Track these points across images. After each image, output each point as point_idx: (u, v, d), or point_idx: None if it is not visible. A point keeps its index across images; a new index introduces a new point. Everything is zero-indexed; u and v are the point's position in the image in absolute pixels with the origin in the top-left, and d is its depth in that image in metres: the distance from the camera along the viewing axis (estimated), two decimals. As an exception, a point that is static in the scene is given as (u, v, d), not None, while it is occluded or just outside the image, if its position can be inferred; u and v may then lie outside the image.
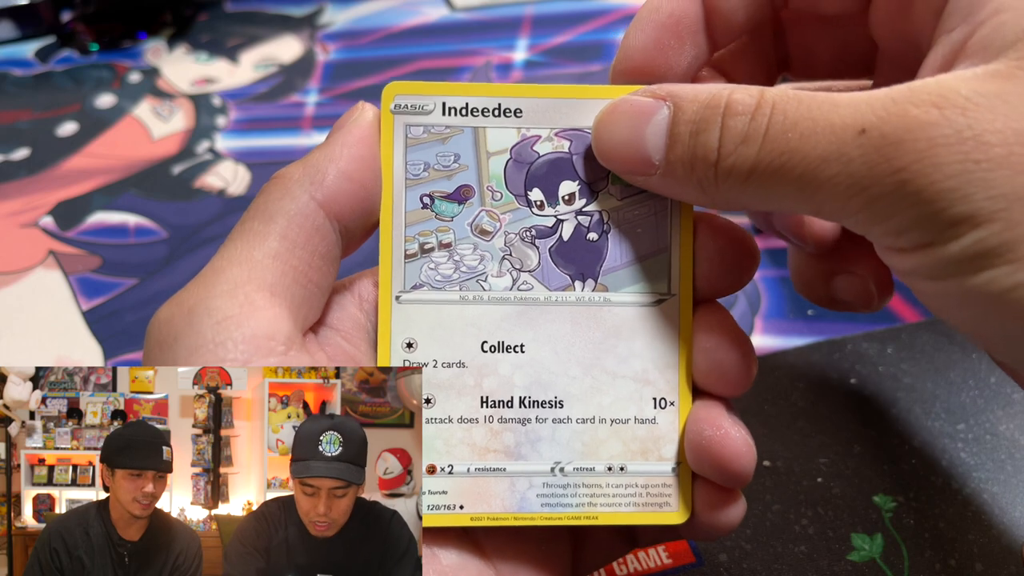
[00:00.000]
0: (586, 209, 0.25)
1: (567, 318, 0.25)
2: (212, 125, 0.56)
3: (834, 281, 0.28)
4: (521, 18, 0.64)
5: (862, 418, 0.37)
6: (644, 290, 0.25)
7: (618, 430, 0.25)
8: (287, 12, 0.67)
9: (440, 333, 0.24)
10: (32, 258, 0.48)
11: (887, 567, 0.32)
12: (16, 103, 0.59)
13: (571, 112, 0.24)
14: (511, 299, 0.25)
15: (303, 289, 0.23)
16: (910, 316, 0.42)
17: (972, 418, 0.37)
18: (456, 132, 0.24)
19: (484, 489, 0.24)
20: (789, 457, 0.36)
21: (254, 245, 0.22)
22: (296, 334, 0.22)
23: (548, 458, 0.24)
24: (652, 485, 0.25)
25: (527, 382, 0.24)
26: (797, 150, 0.20)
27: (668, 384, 0.25)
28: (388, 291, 0.24)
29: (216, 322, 0.21)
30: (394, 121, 0.24)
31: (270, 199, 0.23)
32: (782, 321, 0.42)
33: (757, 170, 0.20)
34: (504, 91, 0.24)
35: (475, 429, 0.24)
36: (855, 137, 0.19)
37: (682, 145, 0.22)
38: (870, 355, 0.40)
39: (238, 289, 0.22)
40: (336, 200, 0.23)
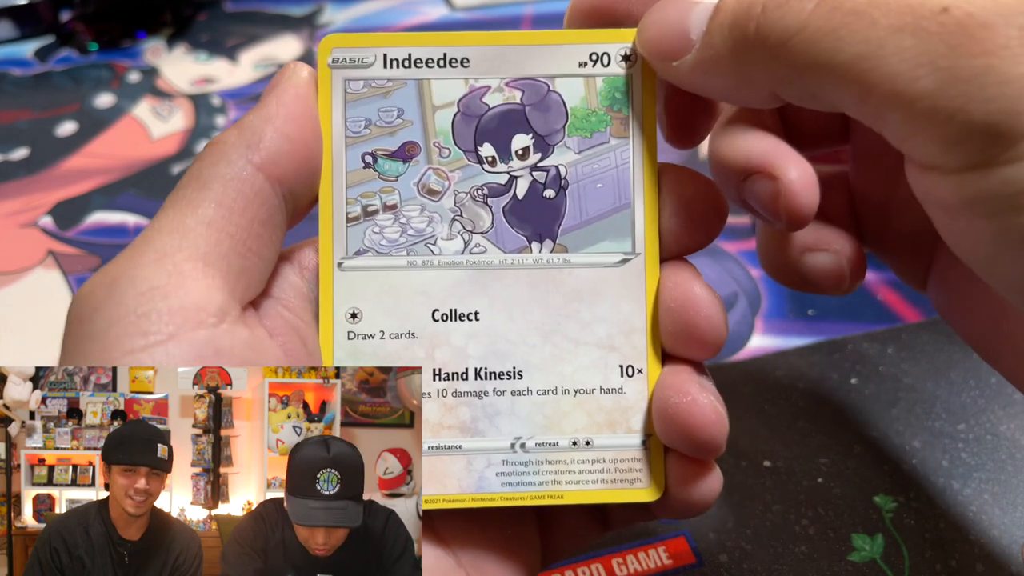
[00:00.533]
0: (541, 164, 0.23)
1: (524, 282, 0.23)
2: (212, 125, 0.56)
3: (805, 259, 0.25)
4: (521, 18, 0.64)
5: (862, 418, 0.37)
6: (607, 249, 0.23)
7: (582, 401, 0.23)
8: (287, 12, 0.67)
9: (387, 302, 0.23)
10: (31, 258, 0.48)
11: (888, 567, 0.32)
12: (15, 103, 0.59)
13: (522, 60, 0.23)
14: (463, 263, 0.23)
15: (241, 259, 0.21)
16: (911, 316, 0.42)
17: (973, 418, 0.37)
18: (399, 85, 0.23)
19: (439, 469, 0.23)
20: (789, 457, 0.36)
21: (186, 212, 0.21)
22: (232, 305, 0.21)
23: (507, 433, 0.23)
24: (621, 460, 0.23)
25: (482, 352, 0.23)
26: (864, 13, 0.18)
27: (635, 350, 0.23)
28: (329, 258, 0.23)
29: (140, 292, 0.20)
30: (332, 76, 0.23)
31: (204, 164, 0.22)
32: (782, 321, 0.42)
33: (808, 28, 0.18)
34: (449, 40, 0.23)
35: (427, 404, 0.23)
36: (936, 14, 0.17)
37: (725, 11, 0.20)
38: (870, 355, 0.40)
39: (167, 258, 0.20)
40: (276, 163, 0.22)
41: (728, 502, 0.34)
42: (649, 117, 0.23)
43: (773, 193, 0.22)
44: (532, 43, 0.23)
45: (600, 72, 0.23)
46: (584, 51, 0.23)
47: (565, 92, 0.23)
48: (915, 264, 0.27)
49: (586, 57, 0.23)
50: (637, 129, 0.23)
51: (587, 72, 0.23)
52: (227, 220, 0.21)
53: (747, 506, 0.34)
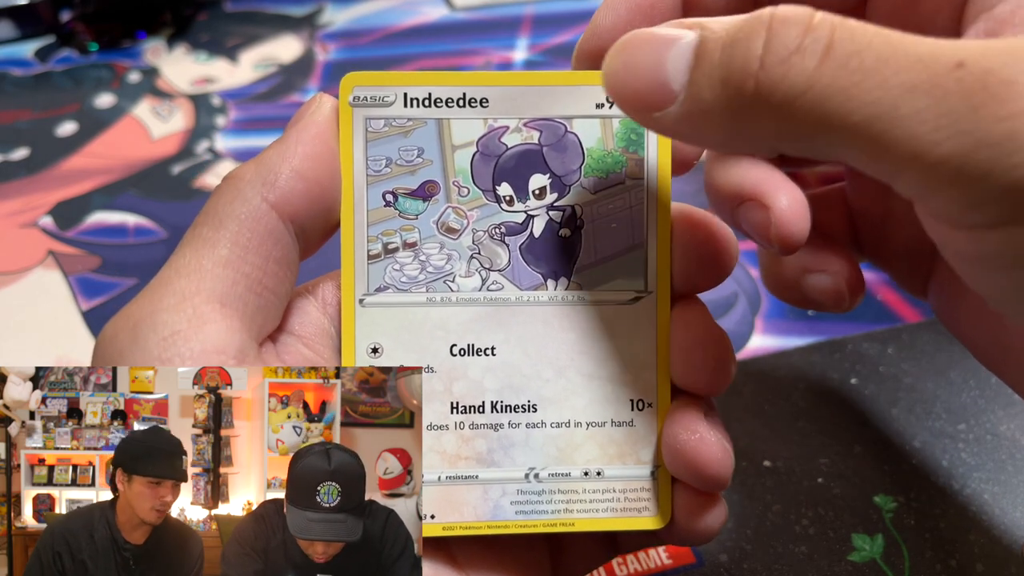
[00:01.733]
0: (558, 204, 0.24)
1: (539, 319, 0.24)
2: (211, 125, 0.56)
3: (805, 280, 0.26)
4: (521, 18, 0.64)
5: (863, 418, 0.37)
6: (620, 287, 0.24)
7: (594, 434, 0.24)
8: (287, 12, 0.67)
9: (406, 337, 0.23)
10: (31, 258, 0.48)
11: (888, 567, 0.32)
12: (15, 103, 0.59)
13: (540, 100, 0.23)
14: (480, 300, 0.24)
15: (257, 297, 0.22)
16: (911, 316, 0.42)
17: (973, 418, 0.37)
18: (419, 125, 0.23)
19: (456, 498, 0.24)
20: (789, 457, 0.36)
21: (203, 253, 0.21)
22: (250, 345, 0.22)
23: (522, 464, 0.24)
24: (630, 490, 0.24)
25: (499, 386, 0.24)
26: (874, 71, 0.16)
27: (645, 385, 0.24)
28: (351, 294, 0.23)
29: (162, 338, 0.20)
30: (353, 114, 0.23)
31: (221, 202, 0.22)
32: (782, 321, 0.42)
33: (816, 87, 0.17)
34: (469, 79, 0.23)
35: (445, 436, 0.24)
36: (951, 70, 0.16)
37: (711, 62, 0.18)
38: (871, 355, 0.40)
39: (186, 301, 0.21)
40: (290, 201, 0.22)
41: (728, 502, 0.34)
42: (664, 159, 0.24)
43: (764, 221, 0.23)
44: (550, 84, 0.23)
45: (616, 114, 0.24)
46: (601, 93, 0.23)
47: (582, 133, 0.24)
48: (915, 275, 0.28)
49: (603, 99, 0.24)
50: (652, 170, 0.24)
51: (604, 114, 0.24)
52: (242, 259, 0.22)
53: (747, 506, 0.34)
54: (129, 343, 0.21)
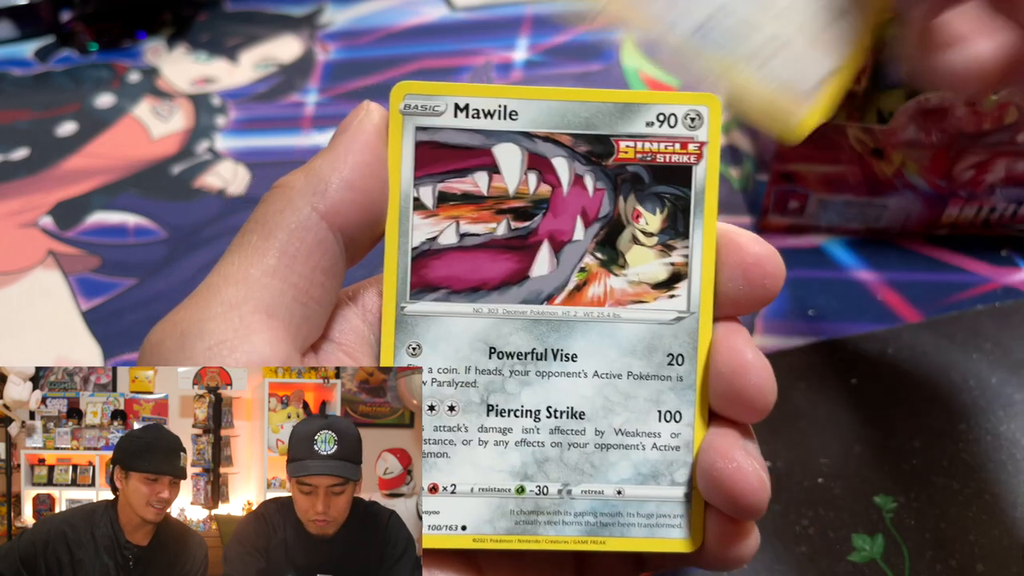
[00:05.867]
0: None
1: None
2: (212, 125, 0.56)
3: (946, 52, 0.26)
4: (521, 18, 0.64)
5: (863, 418, 0.37)
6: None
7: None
8: (287, 12, 0.67)
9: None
10: (31, 258, 0.48)
11: (888, 568, 0.32)
12: (15, 103, 0.59)
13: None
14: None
15: (303, 307, 0.22)
16: (911, 316, 0.42)
17: (973, 418, 0.37)
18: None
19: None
20: (790, 457, 0.36)
21: (252, 262, 0.21)
22: (294, 355, 0.22)
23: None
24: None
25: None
26: None
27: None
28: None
29: (208, 347, 0.21)
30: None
31: (270, 211, 0.22)
32: (782, 321, 0.42)
33: None
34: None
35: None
36: None
37: None
38: (871, 355, 0.40)
39: (233, 311, 0.21)
40: (339, 211, 0.22)
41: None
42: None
43: None
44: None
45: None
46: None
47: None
48: None
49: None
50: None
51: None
52: (290, 269, 0.22)
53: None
54: (176, 350, 0.21)
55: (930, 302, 0.42)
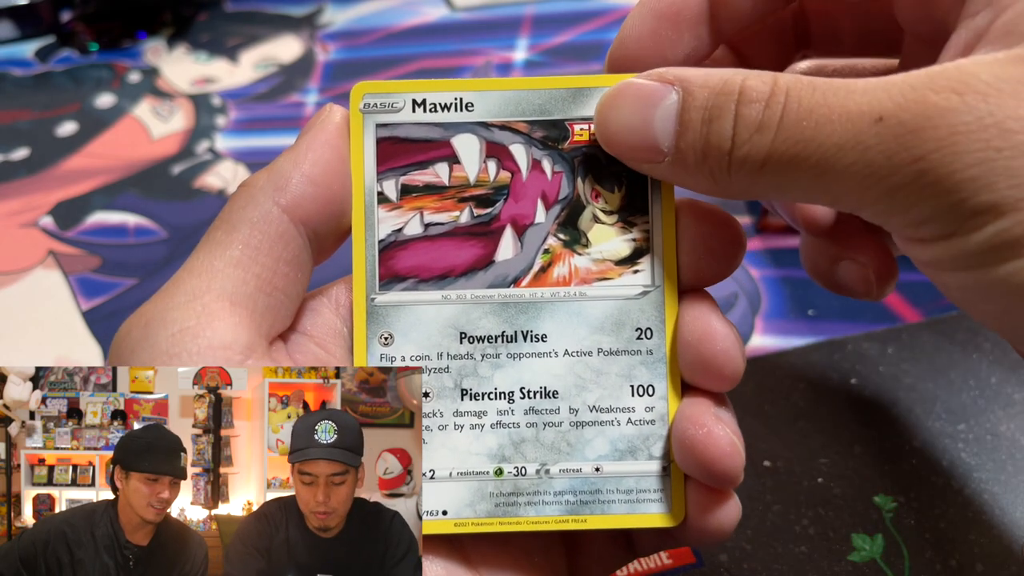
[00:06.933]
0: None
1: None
2: (212, 125, 0.56)
3: (838, 267, 0.28)
4: (521, 18, 0.64)
5: (863, 418, 0.37)
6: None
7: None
8: (287, 12, 0.67)
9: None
10: (32, 258, 0.48)
11: (888, 567, 0.32)
12: (16, 103, 0.59)
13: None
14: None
15: (267, 296, 0.22)
16: (911, 316, 0.42)
17: (973, 418, 0.37)
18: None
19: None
20: (789, 457, 0.36)
21: (216, 254, 0.22)
22: (258, 342, 0.22)
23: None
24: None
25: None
26: (812, 139, 0.19)
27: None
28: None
29: (171, 334, 0.21)
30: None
31: (235, 207, 0.23)
32: (782, 321, 0.42)
33: (771, 159, 0.20)
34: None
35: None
36: (872, 125, 0.19)
37: (694, 133, 0.21)
38: (871, 355, 0.40)
39: (196, 300, 0.22)
40: (300, 205, 0.23)
41: (728, 502, 0.34)
42: None
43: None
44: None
45: None
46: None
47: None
48: None
49: None
50: None
51: None
52: (253, 260, 0.22)
53: (747, 506, 0.34)
54: (140, 339, 0.21)
55: (930, 302, 0.42)
